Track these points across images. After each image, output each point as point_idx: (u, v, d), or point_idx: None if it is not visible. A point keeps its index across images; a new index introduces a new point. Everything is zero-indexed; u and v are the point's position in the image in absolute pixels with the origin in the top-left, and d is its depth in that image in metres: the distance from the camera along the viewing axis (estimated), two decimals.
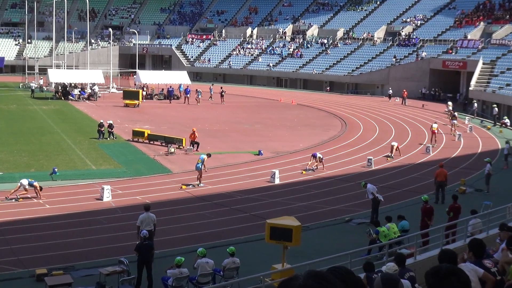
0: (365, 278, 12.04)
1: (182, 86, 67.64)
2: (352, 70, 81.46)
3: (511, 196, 26.02)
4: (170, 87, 68.11)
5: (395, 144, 37.62)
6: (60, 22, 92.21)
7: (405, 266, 12.67)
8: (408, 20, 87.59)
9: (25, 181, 25.74)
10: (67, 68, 77.27)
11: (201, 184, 29.20)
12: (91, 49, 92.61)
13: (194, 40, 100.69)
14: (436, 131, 41.87)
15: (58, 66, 77.79)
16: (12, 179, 29.08)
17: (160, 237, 20.55)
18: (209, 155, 30.48)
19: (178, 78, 70.60)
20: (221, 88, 66.94)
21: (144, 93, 66.77)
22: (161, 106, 61.71)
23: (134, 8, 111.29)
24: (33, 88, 68.19)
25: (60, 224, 22.82)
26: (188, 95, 63.82)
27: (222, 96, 64.93)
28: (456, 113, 50.11)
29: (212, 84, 71.09)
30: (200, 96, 62.33)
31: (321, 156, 33.48)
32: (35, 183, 25.91)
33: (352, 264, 14.77)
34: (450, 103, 58.47)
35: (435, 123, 43.51)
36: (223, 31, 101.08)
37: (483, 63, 66.61)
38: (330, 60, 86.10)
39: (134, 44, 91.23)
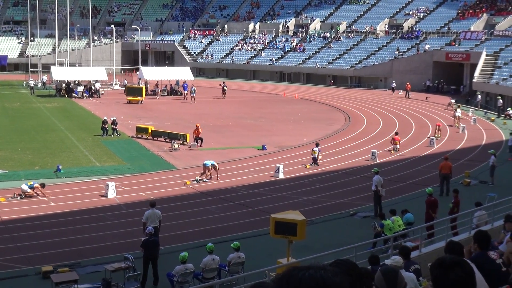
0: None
1: (181, 82, 67.89)
2: (355, 64, 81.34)
3: None
4: (185, 82, 67.67)
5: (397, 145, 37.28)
6: (62, 19, 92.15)
7: (410, 258, 12.68)
8: (411, 12, 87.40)
9: (25, 187, 25.81)
10: (70, 66, 77.32)
11: (205, 180, 29.22)
12: (93, 46, 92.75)
13: (196, 36, 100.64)
14: (440, 124, 41.94)
15: (61, 64, 77.82)
16: (17, 177, 29.18)
17: (166, 233, 20.58)
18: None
19: (181, 74, 70.54)
20: (223, 82, 67.06)
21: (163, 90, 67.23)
22: (164, 103, 61.71)
23: (136, 5, 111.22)
24: (32, 85, 67.95)
25: (65, 221, 22.88)
26: (186, 91, 64.11)
27: (224, 91, 65.01)
28: (458, 108, 49.97)
29: (223, 82, 69.81)
30: (194, 94, 61.44)
31: (317, 150, 33.24)
32: (35, 185, 25.92)
33: (357, 257, 14.77)
34: (453, 101, 56.71)
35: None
36: (226, 26, 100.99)
37: (487, 55, 66.40)
38: (333, 53, 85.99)
39: (136, 40, 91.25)
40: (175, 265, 16.56)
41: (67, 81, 67.19)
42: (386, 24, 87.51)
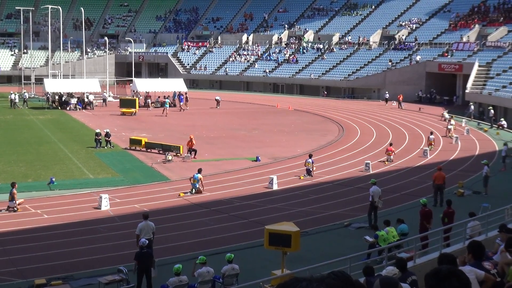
0: (365, 282, 12.01)
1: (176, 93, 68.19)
2: (348, 75, 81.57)
3: (509, 198, 26.03)
4: (180, 94, 67.52)
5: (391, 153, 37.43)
6: (55, 31, 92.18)
7: (407, 270, 12.66)
8: (404, 24, 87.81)
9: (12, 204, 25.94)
10: (63, 78, 77.20)
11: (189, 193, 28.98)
12: (87, 58, 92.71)
13: (190, 48, 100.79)
14: (433, 143, 41.64)
15: (54, 76, 77.70)
16: (10, 189, 28.95)
17: (160, 245, 20.51)
18: (200, 170, 29.56)
19: (174, 85, 70.57)
20: (185, 93, 67.31)
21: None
22: (157, 114, 61.64)
23: (130, 17, 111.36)
24: (12, 99, 65.75)
25: (59, 233, 22.76)
26: (182, 103, 64.50)
27: (186, 100, 65.27)
28: (451, 119, 50.18)
29: (186, 92, 68.66)
30: (167, 106, 60.72)
31: (310, 161, 33.22)
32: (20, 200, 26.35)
33: (351, 269, 14.74)
34: (446, 114, 56.98)
35: (432, 133, 43.27)
36: (219, 38, 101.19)
37: (479, 66, 66.75)
38: (326, 65, 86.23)
39: (130, 52, 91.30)
40: (169, 277, 16.48)
41: (61, 93, 67.14)
42: (379, 35, 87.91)
